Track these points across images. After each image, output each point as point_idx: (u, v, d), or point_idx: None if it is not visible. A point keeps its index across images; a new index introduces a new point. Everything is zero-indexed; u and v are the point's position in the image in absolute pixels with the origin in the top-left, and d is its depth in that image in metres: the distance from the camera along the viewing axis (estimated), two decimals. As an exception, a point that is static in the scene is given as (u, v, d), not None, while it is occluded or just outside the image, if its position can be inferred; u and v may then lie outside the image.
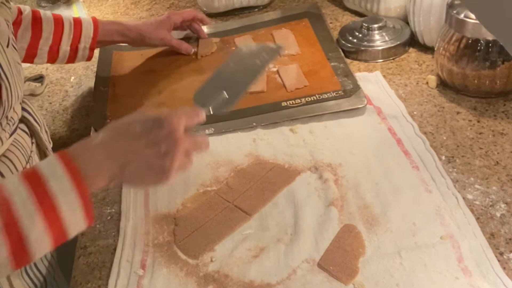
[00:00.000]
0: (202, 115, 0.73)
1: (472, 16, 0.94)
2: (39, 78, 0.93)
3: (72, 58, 1.13)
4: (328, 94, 1.05)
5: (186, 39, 1.33)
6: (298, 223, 0.81)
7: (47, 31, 1.08)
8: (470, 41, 0.96)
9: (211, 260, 0.78)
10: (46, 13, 1.11)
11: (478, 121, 0.96)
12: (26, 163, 0.84)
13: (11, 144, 0.81)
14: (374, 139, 0.95)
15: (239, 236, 0.81)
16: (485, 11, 0.52)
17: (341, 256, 0.75)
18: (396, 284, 0.71)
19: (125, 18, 1.54)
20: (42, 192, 0.58)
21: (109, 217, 0.89)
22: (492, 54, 0.95)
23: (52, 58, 1.11)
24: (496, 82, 0.97)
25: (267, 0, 1.45)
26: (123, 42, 1.22)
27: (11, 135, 0.81)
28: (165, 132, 0.66)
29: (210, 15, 1.46)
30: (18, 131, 0.84)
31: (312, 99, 1.05)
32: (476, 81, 0.98)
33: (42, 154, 0.92)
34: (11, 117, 0.81)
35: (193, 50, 1.24)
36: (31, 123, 0.88)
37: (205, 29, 1.36)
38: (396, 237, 0.77)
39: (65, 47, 1.11)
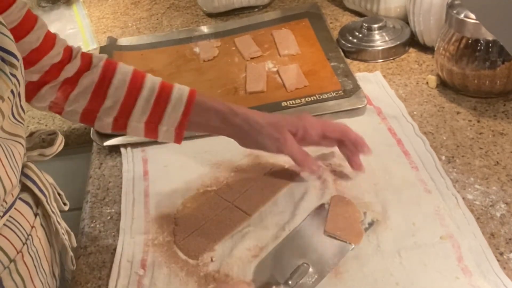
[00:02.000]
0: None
1: (472, 16, 0.94)
2: (52, 134, 0.76)
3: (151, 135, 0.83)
4: (328, 94, 1.05)
5: (186, 39, 1.33)
6: (297, 222, 0.81)
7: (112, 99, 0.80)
8: (470, 41, 0.96)
9: (211, 260, 0.78)
10: (122, 69, 0.81)
11: (478, 121, 0.96)
12: (23, 244, 0.67)
13: (3, 224, 0.65)
14: (374, 139, 0.95)
15: (239, 236, 0.81)
16: (485, 11, 0.52)
17: (343, 222, 0.78)
18: (396, 283, 0.71)
19: (125, 18, 1.54)
20: None
21: (109, 217, 0.89)
22: (492, 54, 0.95)
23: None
24: (496, 82, 0.97)
25: (267, 0, 1.45)
26: (221, 130, 0.84)
27: (4, 215, 0.65)
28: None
29: (210, 15, 1.46)
30: (18, 203, 0.68)
31: (312, 99, 1.05)
32: (476, 81, 0.98)
33: (51, 226, 0.75)
34: (4, 200, 0.64)
35: (321, 172, 0.88)
36: (34, 193, 0.71)
37: (205, 29, 1.36)
38: (396, 236, 0.77)
39: (135, 123, 0.82)
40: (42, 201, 0.71)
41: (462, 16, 0.96)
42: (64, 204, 0.78)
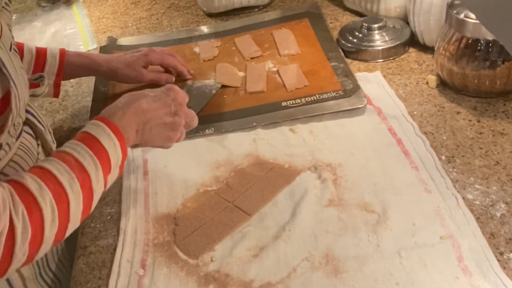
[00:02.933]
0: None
1: (472, 16, 0.94)
2: (39, 78, 0.88)
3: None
4: (328, 94, 1.05)
5: (186, 39, 1.33)
6: (296, 222, 0.81)
7: None
8: (470, 41, 0.96)
9: (211, 260, 0.78)
10: None
11: (478, 121, 0.96)
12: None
13: (18, 148, 0.79)
14: (374, 139, 0.95)
15: (239, 236, 0.81)
16: (485, 11, 0.52)
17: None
18: (396, 283, 0.71)
19: (125, 18, 1.54)
20: (101, 152, 0.70)
21: (109, 217, 0.89)
22: (492, 54, 0.95)
23: None
24: (496, 82, 0.97)
25: (267, 0, 1.45)
26: (93, 75, 1.16)
27: (17, 139, 0.79)
28: (172, 96, 0.81)
29: (210, 15, 1.46)
30: (23, 134, 0.82)
31: (312, 99, 1.05)
32: (476, 81, 0.98)
33: (48, 155, 0.88)
34: (18, 122, 0.79)
35: (173, 79, 1.13)
36: (35, 125, 0.86)
37: (205, 29, 1.36)
38: (396, 236, 0.77)
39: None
40: (41, 131, 0.86)
41: (462, 16, 0.96)
42: (54, 142, 0.92)
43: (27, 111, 0.85)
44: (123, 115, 0.75)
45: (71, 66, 1.04)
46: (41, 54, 1.02)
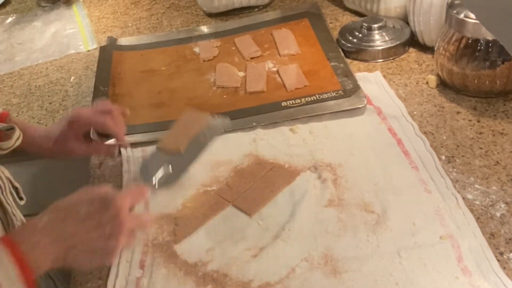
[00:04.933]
0: (147, 194, 0.75)
1: (472, 16, 0.94)
2: (10, 129, 0.78)
3: None
4: (328, 94, 1.05)
5: (186, 39, 1.33)
6: (296, 222, 0.81)
7: None
8: (470, 41, 0.96)
9: (210, 260, 0.78)
10: None
11: (478, 121, 0.96)
12: None
13: None
14: (374, 139, 0.95)
15: (239, 236, 0.81)
16: (485, 11, 0.52)
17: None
18: (395, 283, 0.71)
19: (125, 18, 1.54)
20: None
21: (109, 217, 0.89)
22: (492, 54, 0.95)
23: None
24: (496, 82, 0.97)
25: (267, 0, 1.45)
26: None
27: None
28: (110, 214, 0.66)
29: (210, 15, 1.46)
30: None
31: (312, 99, 1.05)
32: (476, 81, 0.98)
33: (7, 217, 0.79)
34: None
35: (116, 150, 0.98)
36: None
37: (205, 29, 1.36)
38: (396, 236, 0.77)
39: None
40: None
41: (462, 16, 0.96)
42: (20, 198, 0.82)
43: None
44: (38, 243, 0.63)
45: None
46: None
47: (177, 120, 0.93)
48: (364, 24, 1.20)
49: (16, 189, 0.81)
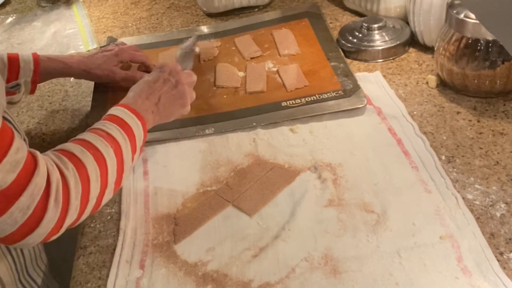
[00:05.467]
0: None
1: (472, 16, 0.94)
2: (15, 86, 0.89)
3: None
4: (328, 94, 1.05)
5: (186, 39, 1.33)
6: (296, 222, 0.81)
7: None
8: (470, 41, 0.96)
9: (210, 260, 0.78)
10: None
11: (478, 121, 0.96)
12: None
13: None
14: (374, 139, 0.95)
15: (239, 236, 0.81)
16: (485, 11, 0.52)
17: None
18: (395, 283, 0.71)
19: (125, 18, 1.54)
20: (127, 128, 0.80)
21: (109, 217, 0.89)
22: (492, 54, 0.95)
23: None
24: (496, 82, 0.97)
25: (267, 0, 1.45)
26: (66, 77, 1.19)
27: None
28: (168, 71, 0.92)
29: (210, 15, 1.46)
30: None
31: (312, 99, 1.05)
32: (476, 81, 0.98)
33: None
34: None
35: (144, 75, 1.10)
36: None
37: (205, 29, 1.36)
38: (396, 236, 0.77)
39: None
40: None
41: (462, 16, 0.96)
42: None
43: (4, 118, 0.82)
44: (136, 102, 0.85)
45: (44, 71, 1.05)
46: (13, 61, 1.02)
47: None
48: (364, 24, 1.20)
49: (25, 141, 0.90)
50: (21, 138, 0.77)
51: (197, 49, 1.22)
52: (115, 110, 0.83)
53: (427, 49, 1.16)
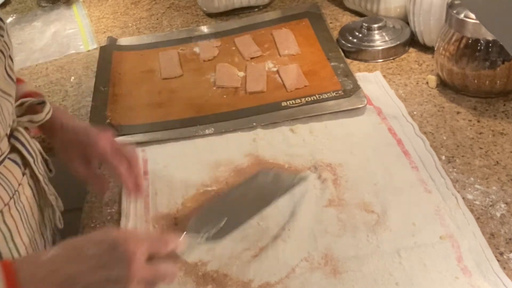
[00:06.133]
0: (175, 244, 0.67)
1: (472, 16, 0.94)
2: (41, 103, 0.81)
3: None
4: (328, 94, 1.05)
5: (186, 39, 1.33)
6: (296, 222, 0.81)
7: None
8: (470, 41, 0.96)
9: (210, 260, 0.78)
10: None
11: (478, 121, 0.96)
12: (10, 198, 0.73)
13: None
14: (374, 139, 0.95)
15: (239, 236, 0.81)
16: (485, 11, 0.52)
17: None
18: (395, 283, 0.71)
19: (125, 18, 1.54)
20: None
21: (109, 217, 0.89)
22: (492, 54, 0.95)
23: None
24: (496, 82, 0.97)
25: (267, 0, 1.45)
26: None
27: None
28: (118, 257, 0.60)
29: (210, 15, 1.46)
30: (7, 162, 0.74)
31: (312, 99, 1.05)
32: (476, 81, 0.98)
33: (38, 187, 0.81)
34: None
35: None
36: (22, 155, 0.77)
37: (205, 29, 1.36)
38: (396, 236, 0.77)
39: None
40: (29, 162, 0.78)
41: (462, 16, 0.96)
42: (50, 170, 0.85)
43: (16, 139, 0.76)
44: (36, 275, 0.60)
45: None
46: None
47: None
48: (364, 24, 1.20)
49: (46, 161, 0.85)
50: None
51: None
52: None
53: (427, 49, 1.16)
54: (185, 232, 0.73)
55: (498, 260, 0.72)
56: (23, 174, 0.78)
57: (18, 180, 0.76)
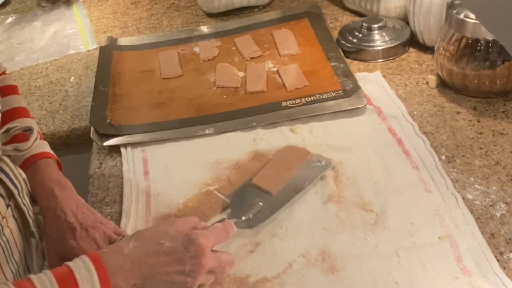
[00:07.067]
0: (232, 232, 0.76)
1: (472, 16, 0.94)
2: (28, 130, 0.78)
3: None
4: (328, 94, 1.05)
5: (186, 39, 1.33)
6: (294, 219, 0.81)
7: None
8: (470, 41, 0.96)
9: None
10: None
11: (478, 121, 0.96)
12: None
13: None
14: (374, 139, 0.95)
15: (236, 232, 0.81)
16: (485, 11, 0.52)
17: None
18: (395, 283, 0.71)
19: (125, 18, 1.54)
20: None
21: (109, 217, 0.89)
22: (492, 54, 0.95)
23: None
24: (496, 82, 0.97)
25: (267, 0, 1.45)
26: None
27: None
28: (192, 253, 0.67)
29: (210, 15, 1.46)
30: None
31: (312, 99, 1.05)
32: (476, 81, 0.98)
33: (24, 218, 0.78)
34: None
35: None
36: (7, 186, 0.74)
37: (205, 29, 1.36)
38: (394, 236, 0.77)
39: None
40: (14, 193, 0.75)
41: (462, 16, 0.96)
42: (35, 201, 0.81)
43: (0, 169, 0.74)
44: (122, 266, 0.65)
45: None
46: None
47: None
48: (364, 24, 1.20)
49: (30, 192, 0.81)
50: None
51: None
52: (80, 265, 0.62)
53: (427, 49, 1.16)
54: (226, 218, 0.81)
55: (498, 260, 0.72)
56: (7, 206, 0.74)
57: (1, 213, 0.72)
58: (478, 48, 0.96)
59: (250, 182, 0.87)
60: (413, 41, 1.18)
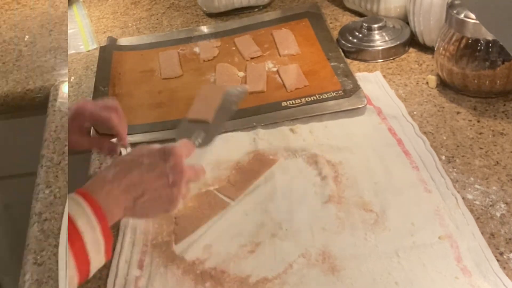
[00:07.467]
0: (193, 149, 0.80)
1: (472, 16, 0.94)
2: None
3: None
4: (328, 94, 1.05)
5: (186, 39, 1.33)
6: (294, 219, 0.81)
7: None
8: (470, 41, 0.96)
9: (208, 257, 0.78)
10: None
11: (478, 121, 0.96)
12: None
13: None
14: (374, 139, 0.95)
15: (235, 232, 0.81)
16: (485, 11, 0.52)
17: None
18: (395, 283, 0.71)
19: (125, 18, 1.54)
20: (73, 232, 0.62)
21: (109, 217, 0.89)
22: (492, 54, 0.95)
23: None
24: (496, 82, 0.97)
25: (267, 0, 1.45)
26: None
27: None
28: (171, 164, 0.71)
29: (210, 15, 1.46)
30: None
31: (312, 99, 1.05)
32: (476, 81, 0.98)
33: None
34: None
35: (118, 149, 0.93)
36: None
37: (205, 29, 1.36)
38: (394, 236, 0.77)
39: None
40: None
41: (462, 16, 0.96)
42: None
43: None
44: (110, 192, 0.67)
45: None
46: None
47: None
48: (364, 24, 1.20)
49: None
50: None
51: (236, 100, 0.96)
52: (71, 203, 0.65)
53: (427, 49, 1.16)
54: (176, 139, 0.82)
55: (498, 260, 0.72)
56: None
57: None
58: (478, 48, 0.96)
59: (185, 119, 0.89)
60: (413, 41, 1.18)
